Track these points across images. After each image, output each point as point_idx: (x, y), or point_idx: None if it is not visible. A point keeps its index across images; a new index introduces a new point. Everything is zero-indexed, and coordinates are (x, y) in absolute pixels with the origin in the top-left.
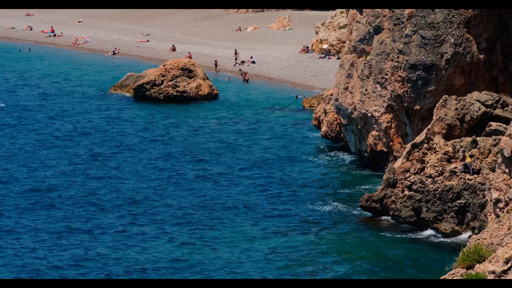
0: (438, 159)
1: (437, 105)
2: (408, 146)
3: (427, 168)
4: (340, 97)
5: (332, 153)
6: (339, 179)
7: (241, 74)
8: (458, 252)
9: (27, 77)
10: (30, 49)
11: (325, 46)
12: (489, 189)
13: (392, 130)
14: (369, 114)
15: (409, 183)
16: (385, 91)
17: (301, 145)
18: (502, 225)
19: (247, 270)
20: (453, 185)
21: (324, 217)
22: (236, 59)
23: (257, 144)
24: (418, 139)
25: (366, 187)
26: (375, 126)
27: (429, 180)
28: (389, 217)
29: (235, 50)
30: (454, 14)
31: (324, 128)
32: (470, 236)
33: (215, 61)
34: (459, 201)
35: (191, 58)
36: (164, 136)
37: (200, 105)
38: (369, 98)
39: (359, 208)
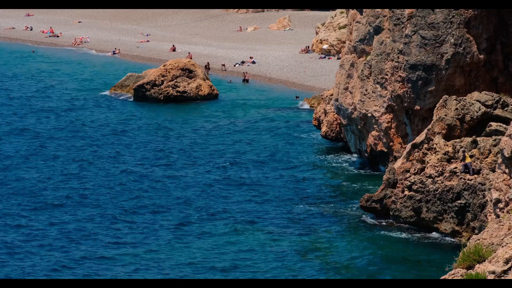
0: (438, 159)
1: (437, 105)
2: (408, 146)
3: (427, 168)
4: (340, 97)
5: (332, 153)
6: (339, 179)
7: (243, 74)
8: (458, 252)
9: (26, 76)
10: (33, 51)
11: (325, 46)
12: (489, 189)
13: (392, 130)
14: (369, 114)
15: (409, 183)
16: (385, 91)
17: (301, 145)
18: (502, 225)
19: (246, 270)
20: (453, 185)
21: (324, 217)
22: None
23: (257, 144)
24: (418, 139)
25: (366, 187)
26: (375, 126)
27: (429, 180)
28: (389, 217)
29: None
30: (454, 14)
31: (324, 128)
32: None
33: (207, 63)
34: (459, 201)
35: (191, 59)
36: (163, 136)
37: (200, 105)
38: (369, 98)
39: (359, 208)
